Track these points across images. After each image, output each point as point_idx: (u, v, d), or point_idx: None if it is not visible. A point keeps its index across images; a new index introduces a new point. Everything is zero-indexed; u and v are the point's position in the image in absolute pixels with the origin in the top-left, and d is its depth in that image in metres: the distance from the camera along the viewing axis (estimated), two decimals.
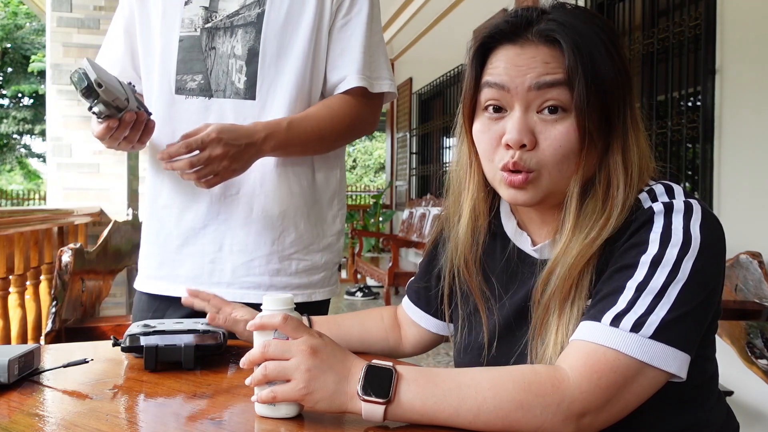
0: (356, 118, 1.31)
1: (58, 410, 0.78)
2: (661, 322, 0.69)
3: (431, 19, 6.68)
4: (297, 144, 1.24)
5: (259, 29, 1.24)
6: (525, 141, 0.77)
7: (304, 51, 1.26)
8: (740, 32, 2.55)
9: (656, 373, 0.69)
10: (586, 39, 0.77)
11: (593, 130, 0.77)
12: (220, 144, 1.13)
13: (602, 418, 0.69)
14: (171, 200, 1.29)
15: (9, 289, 2.44)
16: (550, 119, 0.77)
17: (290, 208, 1.28)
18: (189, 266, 1.28)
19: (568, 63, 0.76)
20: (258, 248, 1.26)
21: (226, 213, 1.26)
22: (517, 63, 0.78)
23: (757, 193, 2.46)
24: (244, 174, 1.23)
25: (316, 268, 1.31)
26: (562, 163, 0.77)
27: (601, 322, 0.71)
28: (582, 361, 0.70)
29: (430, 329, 1.04)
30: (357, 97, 1.30)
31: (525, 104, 0.78)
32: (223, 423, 0.72)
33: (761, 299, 2.19)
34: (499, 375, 0.70)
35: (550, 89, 0.76)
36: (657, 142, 3.08)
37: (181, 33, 1.27)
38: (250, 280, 1.26)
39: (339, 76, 1.29)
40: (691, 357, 0.71)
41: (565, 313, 0.77)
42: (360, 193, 16.27)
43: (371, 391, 0.69)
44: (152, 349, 0.93)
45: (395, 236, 6.59)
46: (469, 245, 0.90)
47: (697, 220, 0.73)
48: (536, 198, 0.80)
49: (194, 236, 1.28)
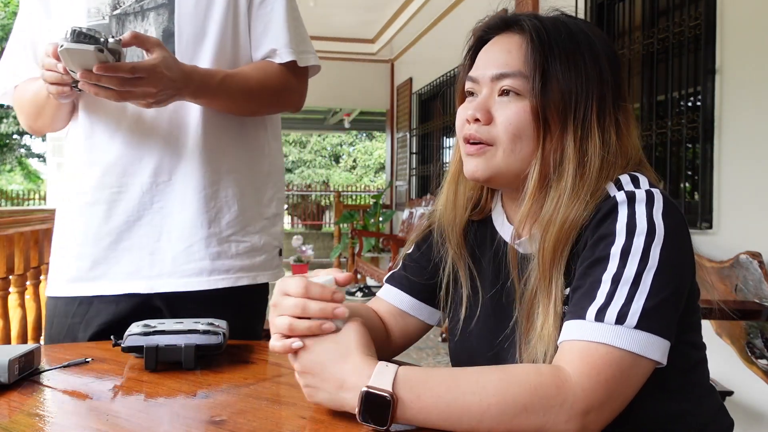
0: (287, 88, 1.31)
1: (58, 410, 0.78)
2: (642, 311, 0.71)
3: (431, 19, 6.68)
4: (223, 97, 1.22)
5: (172, 10, 1.22)
6: (478, 115, 0.84)
7: (222, 29, 1.25)
8: (740, 32, 2.55)
9: (646, 362, 0.71)
10: (553, 33, 0.84)
11: (548, 117, 0.82)
12: (161, 81, 1.08)
13: (606, 413, 0.70)
14: (97, 196, 1.23)
15: (9, 289, 2.43)
16: (505, 100, 0.85)
17: (223, 188, 1.26)
18: (127, 261, 1.22)
19: (528, 50, 0.83)
20: (195, 232, 1.23)
21: (161, 201, 1.23)
22: (489, 53, 0.88)
23: (757, 193, 2.46)
24: (177, 158, 1.22)
25: (256, 249, 1.30)
26: (514, 141, 0.83)
27: (585, 319, 0.73)
28: (578, 359, 0.71)
29: (419, 317, 1.02)
30: (287, 70, 1.30)
31: (489, 90, 0.86)
32: (223, 423, 0.72)
33: (761, 299, 2.19)
34: (506, 378, 0.70)
35: (507, 78, 0.84)
36: (657, 142, 3.08)
37: (88, 22, 1.24)
38: (192, 267, 1.23)
39: (265, 51, 1.29)
40: (671, 343, 0.73)
41: (547, 303, 0.80)
42: (360, 193, 16.28)
43: (369, 418, 0.70)
44: (152, 349, 0.93)
45: (395, 236, 6.59)
46: (448, 220, 0.95)
47: (659, 209, 0.76)
48: (488, 170, 0.85)
49: (129, 230, 1.23)
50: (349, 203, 13.98)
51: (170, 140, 1.23)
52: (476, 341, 0.93)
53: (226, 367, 0.97)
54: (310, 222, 14.43)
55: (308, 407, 0.77)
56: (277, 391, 0.86)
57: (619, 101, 0.85)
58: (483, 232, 0.96)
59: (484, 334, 0.91)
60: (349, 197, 15.46)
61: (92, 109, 1.25)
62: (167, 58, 1.09)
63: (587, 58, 0.83)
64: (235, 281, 1.26)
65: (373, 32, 7.83)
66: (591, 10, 3.66)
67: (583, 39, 0.85)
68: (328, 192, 15.88)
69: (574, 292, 0.77)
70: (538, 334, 0.79)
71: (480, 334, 0.92)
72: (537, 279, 0.81)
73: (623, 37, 3.44)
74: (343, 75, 8.51)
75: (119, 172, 1.23)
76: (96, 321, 1.22)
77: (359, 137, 22.00)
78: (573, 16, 0.89)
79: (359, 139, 22.14)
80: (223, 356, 1.02)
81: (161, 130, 1.23)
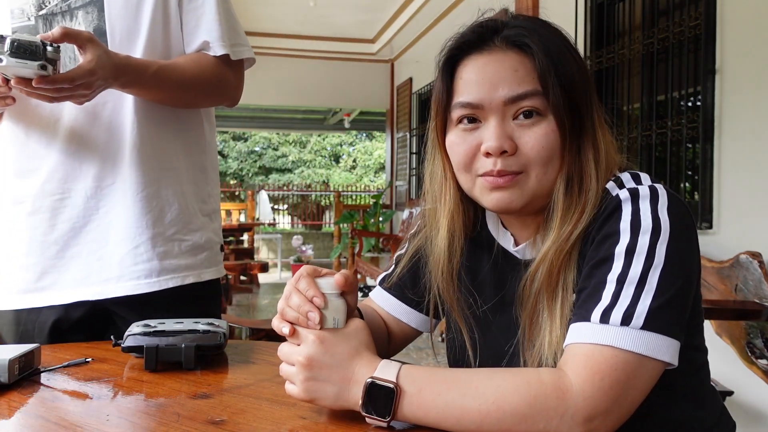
0: (222, 81, 1.29)
1: (58, 410, 0.78)
2: (648, 311, 0.70)
3: (431, 19, 6.68)
4: (157, 89, 1.20)
5: (101, 7, 1.20)
6: (505, 147, 0.78)
7: (154, 25, 1.23)
8: (740, 32, 2.55)
9: (654, 363, 0.70)
10: (552, 44, 0.80)
11: (570, 130, 0.79)
12: (96, 82, 1.06)
13: (613, 419, 0.69)
14: (38, 204, 1.20)
15: None
16: (527, 123, 0.79)
17: (163, 186, 1.24)
18: (76, 269, 1.20)
19: (541, 67, 0.78)
20: (141, 233, 1.21)
21: (106, 205, 1.21)
22: (486, 73, 0.80)
23: (757, 193, 2.46)
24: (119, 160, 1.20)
25: (199, 247, 1.28)
26: (547, 164, 0.79)
27: (590, 321, 0.71)
28: (582, 364, 0.69)
29: (411, 324, 1.01)
30: (222, 63, 1.28)
31: (501, 115, 0.80)
32: (223, 423, 0.72)
33: (761, 299, 2.19)
34: (505, 386, 0.70)
35: (525, 99, 0.79)
36: (657, 142, 3.08)
37: (12, 24, 1.20)
38: (140, 269, 1.21)
39: (198, 45, 1.27)
40: (680, 343, 0.71)
41: (555, 310, 0.78)
42: (360, 193, 16.27)
43: (372, 409, 0.70)
44: (152, 350, 0.93)
45: (395, 236, 6.59)
46: (446, 260, 0.90)
47: (663, 204, 0.74)
48: (522, 200, 0.80)
49: (75, 237, 1.20)
50: (349, 203, 13.98)
51: (110, 142, 1.21)
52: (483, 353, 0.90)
53: (226, 367, 0.97)
54: (310, 222, 14.43)
55: (308, 407, 0.77)
56: (277, 391, 0.86)
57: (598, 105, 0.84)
58: (477, 244, 0.94)
59: (490, 346, 0.89)
60: (349, 197, 15.44)
61: (24, 116, 1.21)
62: (101, 56, 1.06)
63: (576, 58, 0.83)
64: (182, 280, 1.24)
65: (373, 32, 7.82)
66: (591, 10, 3.65)
67: (566, 39, 0.84)
68: (328, 192, 15.87)
69: (579, 294, 0.76)
70: (546, 340, 0.78)
71: (486, 346, 0.90)
72: (542, 283, 0.79)
73: (623, 37, 3.44)
74: (343, 75, 8.51)
75: (60, 178, 1.20)
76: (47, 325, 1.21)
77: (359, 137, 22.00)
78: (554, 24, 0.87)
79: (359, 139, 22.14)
80: (223, 356, 1.02)
81: (99, 132, 1.21)
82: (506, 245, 0.90)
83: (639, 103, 3.27)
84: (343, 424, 0.73)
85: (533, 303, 0.80)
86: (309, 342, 0.74)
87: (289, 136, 20.82)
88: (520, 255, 0.88)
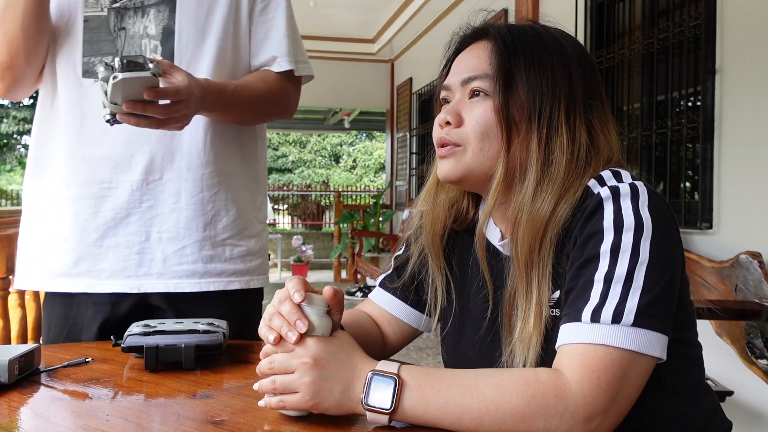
0: (285, 98, 1.32)
1: (58, 410, 0.78)
2: (637, 308, 0.71)
3: (431, 19, 6.68)
4: (233, 109, 1.22)
5: (173, 7, 1.21)
6: (449, 118, 0.86)
7: (223, 31, 1.25)
8: (740, 32, 2.55)
9: (646, 359, 0.71)
10: (520, 39, 0.86)
11: (515, 116, 0.83)
12: (193, 101, 1.08)
13: (612, 417, 0.70)
14: (84, 190, 1.21)
15: (9, 289, 2.43)
16: (474, 101, 0.87)
17: (222, 191, 1.25)
18: (113, 259, 1.21)
19: (494, 52, 0.86)
20: (190, 234, 1.22)
21: (150, 200, 1.21)
22: (461, 61, 0.90)
23: (757, 193, 2.46)
24: (171, 159, 1.21)
25: (252, 254, 1.29)
26: (482, 140, 0.84)
27: (581, 321, 0.72)
28: (577, 364, 0.70)
29: (412, 324, 1.02)
30: (285, 78, 1.31)
31: (460, 95, 0.89)
32: (223, 423, 0.72)
33: (761, 299, 2.19)
34: (504, 385, 0.70)
35: (474, 80, 0.87)
36: (657, 142, 3.08)
37: (85, 13, 1.21)
38: (184, 269, 1.22)
39: (265, 58, 1.29)
40: (668, 337, 0.73)
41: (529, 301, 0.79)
42: (360, 193, 16.26)
43: (374, 402, 0.71)
44: (152, 350, 0.93)
45: (395, 236, 6.59)
46: (428, 231, 0.96)
47: (644, 202, 0.75)
48: (458, 171, 0.86)
49: (116, 227, 1.21)
50: (349, 203, 13.97)
51: (163, 139, 1.21)
52: (468, 348, 0.92)
53: (226, 367, 0.97)
54: (310, 222, 14.43)
55: None
56: None
57: (591, 101, 0.85)
58: (470, 238, 0.95)
59: (476, 340, 0.90)
60: (349, 197, 15.44)
61: (82, 101, 1.22)
62: (189, 75, 1.09)
63: (555, 61, 0.85)
64: (226, 285, 1.25)
65: (373, 32, 7.82)
66: (591, 10, 3.66)
67: (552, 42, 0.86)
68: (328, 192, 15.88)
69: (567, 294, 0.77)
70: (517, 337, 0.79)
71: (470, 340, 0.92)
72: (514, 280, 0.81)
73: (623, 37, 3.44)
74: (343, 75, 8.50)
75: (110, 167, 1.21)
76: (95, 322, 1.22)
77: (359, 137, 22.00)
78: (547, 25, 0.91)
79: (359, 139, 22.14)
80: (223, 356, 1.02)
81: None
82: (492, 239, 0.91)
83: (639, 103, 3.27)
84: (344, 424, 0.73)
85: (509, 295, 0.82)
86: (309, 344, 0.74)
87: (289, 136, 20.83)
88: (505, 250, 0.89)
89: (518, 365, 0.78)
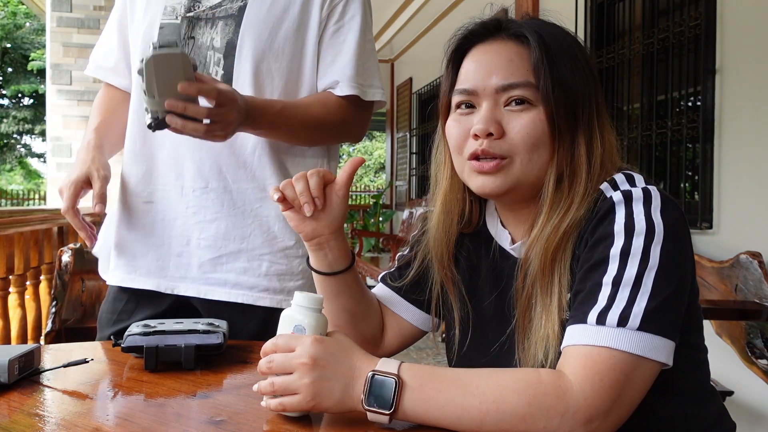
0: (347, 122, 1.29)
1: (58, 410, 0.78)
2: (644, 312, 0.70)
3: (431, 19, 6.68)
4: (282, 128, 1.20)
5: (239, 22, 1.22)
6: (491, 129, 0.81)
7: (285, 51, 1.24)
8: (740, 32, 2.55)
9: (651, 364, 0.70)
10: (551, 38, 0.83)
11: (560, 122, 0.81)
12: (237, 107, 1.08)
13: (612, 420, 0.69)
14: (139, 189, 1.27)
15: (9, 289, 2.44)
16: (517, 110, 0.81)
17: (263, 208, 1.24)
18: (153, 257, 1.25)
19: (535, 57, 0.81)
20: (227, 245, 1.23)
21: (194, 207, 1.23)
22: (483, 62, 0.84)
23: (757, 193, 2.46)
24: (217, 170, 1.22)
25: (292, 273, 1.25)
26: (532, 151, 0.81)
27: (587, 323, 0.72)
28: (580, 365, 0.70)
29: (413, 322, 1.02)
30: (349, 103, 1.28)
31: (493, 101, 0.83)
32: (223, 423, 0.72)
33: (761, 299, 2.19)
34: (504, 385, 0.70)
35: (516, 88, 0.81)
36: (657, 142, 3.08)
37: (162, 20, 1.25)
38: (217, 277, 1.23)
39: (329, 82, 1.27)
40: (675, 343, 0.72)
41: (549, 305, 0.79)
42: (360, 193, 16.25)
43: (375, 402, 0.70)
44: (152, 350, 0.93)
45: (395, 236, 6.58)
46: (441, 239, 0.93)
47: (657, 207, 0.75)
48: (505, 185, 0.82)
49: (160, 228, 1.25)
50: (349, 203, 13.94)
51: (213, 149, 1.21)
52: (480, 351, 0.91)
53: (226, 367, 0.97)
54: None
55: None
56: None
57: (599, 101, 0.85)
58: (477, 242, 0.95)
59: (486, 342, 0.90)
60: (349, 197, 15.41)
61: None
62: (231, 88, 1.10)
63: (581, 60, 0.84)
64: (255, 299, 1.23)
65: (373, 32, 7.82)
66: (591, 10, 3.66)
67: (573, 41, 0.85)
68: None
69: (575, 296, 0.76)
70: (539, 335, 0.78)
71: (481, 342, 0.91)
72: (535, 280, 0.80)
73: (623, 37, 3.44)
74: None
75: (164, 172, 1.25)
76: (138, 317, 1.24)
77: None
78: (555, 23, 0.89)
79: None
80: (223, 356, 1.02)
81: None
82: (503, 243, 0.91)
83: (639, 103, 3.27)
84: (344, 423, 0.73)
85: (527, 298, 0.81)
86: (307, 344, 0.73)
87: None
88: (516, 253, 0.88)
89: (538, 363, 0.77)
